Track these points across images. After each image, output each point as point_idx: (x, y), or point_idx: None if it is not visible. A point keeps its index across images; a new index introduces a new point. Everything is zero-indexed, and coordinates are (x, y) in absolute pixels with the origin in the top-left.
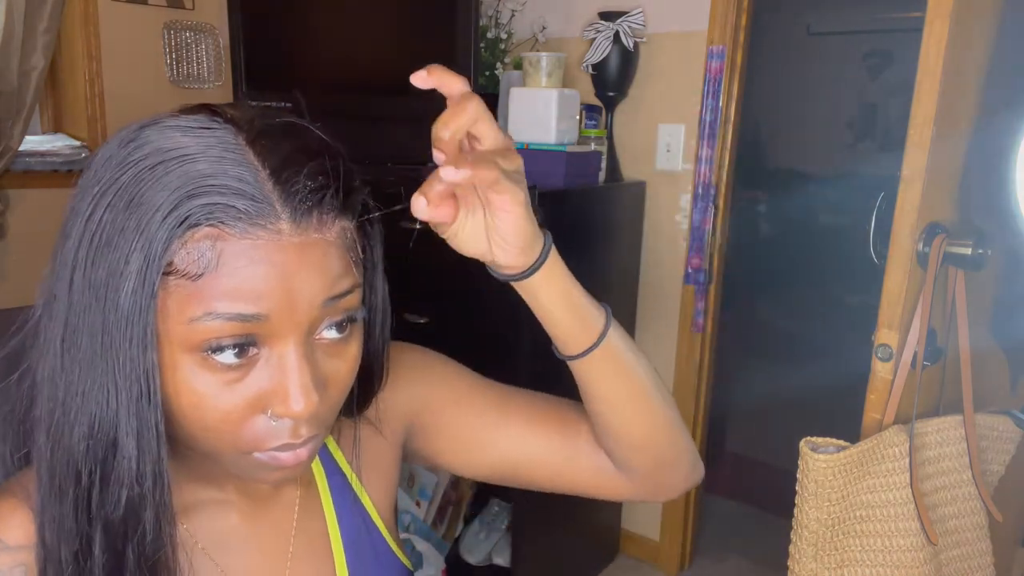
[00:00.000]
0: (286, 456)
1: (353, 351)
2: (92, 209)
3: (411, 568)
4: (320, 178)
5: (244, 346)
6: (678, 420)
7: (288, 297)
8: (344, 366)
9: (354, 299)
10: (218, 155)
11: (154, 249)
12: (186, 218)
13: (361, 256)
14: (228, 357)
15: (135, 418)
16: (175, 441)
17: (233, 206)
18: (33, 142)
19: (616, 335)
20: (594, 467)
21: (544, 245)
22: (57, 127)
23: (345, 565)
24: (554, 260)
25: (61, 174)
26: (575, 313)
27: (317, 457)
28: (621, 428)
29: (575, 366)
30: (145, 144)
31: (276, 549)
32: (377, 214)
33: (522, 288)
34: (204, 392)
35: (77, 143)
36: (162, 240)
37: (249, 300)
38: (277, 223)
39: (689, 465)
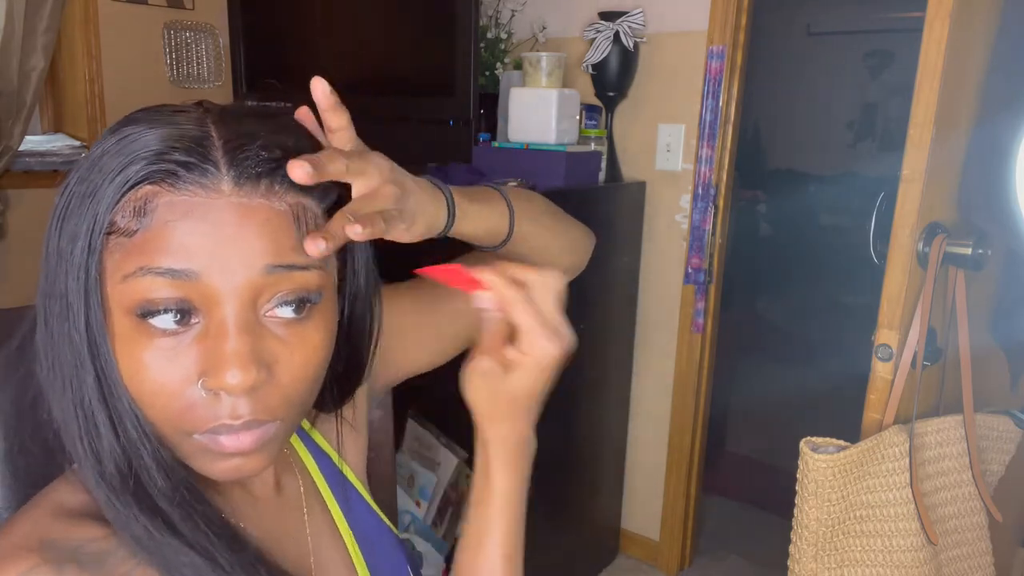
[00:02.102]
0: (226, 440)
1: (313, 339)
2: (66, 184)
3: (395, 529)
4: (278, 151)
5: (182, 312)
6: (576, 233)
7: (223, 256)
8: (298, 352)
9: (311, 278)
10: (178, 127)
11: (100, 208)
12: (131, 177)
13: (334, 259)
14: (164, 321)
15: (104, 404)
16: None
17: (174, 162)
18: (33, 142)
19: (521, 223)
20: None
21: (445, 195)
22: (57, 127)
23: (354, 541)
24: (461, 214)
25: (61, 174)
26: (488, 222)
27: (300, 441)
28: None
29: (508, 249)
30: (122, 123)
31: (296, 542)
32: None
33: (453, 233)
34: (141, 358)
35: (77, 143)
36: (108, 200)
37: (180, 255)
38: (218, 183)
39: (590, 242)
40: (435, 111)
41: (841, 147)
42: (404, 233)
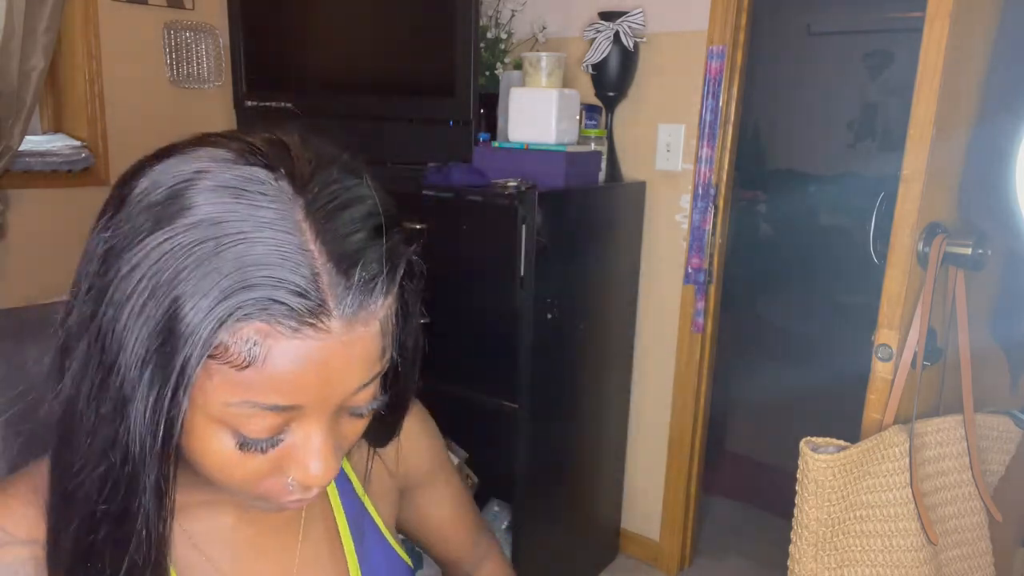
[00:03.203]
0: (294, 504)
1: (369, 415)
2: (130, 271)
3: (412, 565)
4: (374, 266)
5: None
6: None
7: (325, 390)
8: (360, 425)
9: (376, 385)
10: (274, 237)
11: (197, 335)
12: (236, 309)
13: (399, 325)
14: (260, 444)
15: (148, 469)
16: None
17: (286, 303)
18: (33, 142)
19: None
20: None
21: None
22: (57, 127)
23: (356, 562)
24: None
25: (61, 174)
26: None
27: None
28: None
29: None
30: (193, 207)
31: (283, 553)
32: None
33: None
34: (229, 459)
35: (77, 143)
36: (209, 327)
37: (288, 393)
38: (328, 322)
39: None
40: (435, 111)
41: (841, 147)
42: None
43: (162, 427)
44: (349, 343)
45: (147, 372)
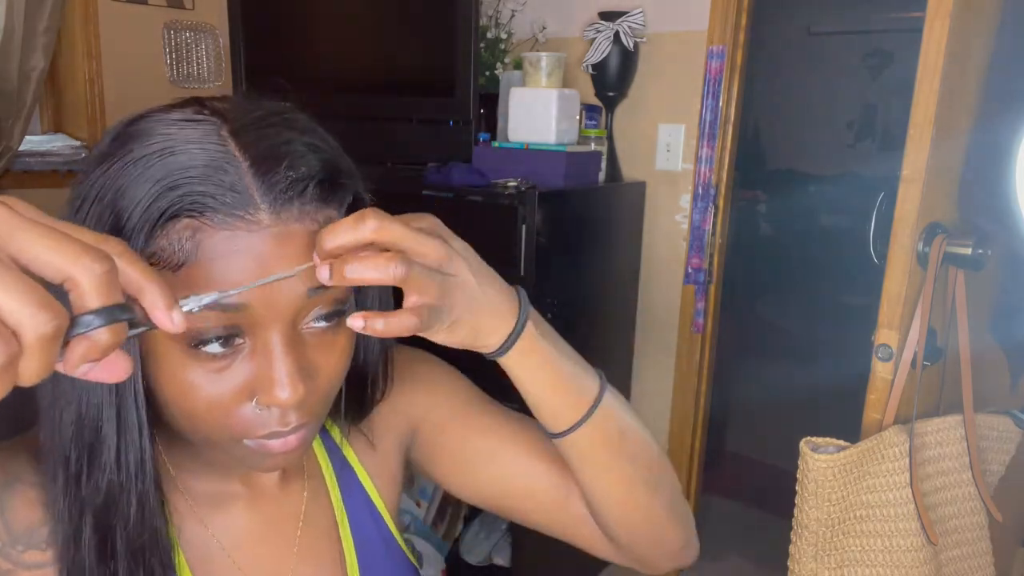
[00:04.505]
0: (275, 443)
1: (343, 343)
2: (80, 204)
3: (417, 566)
4: (303, 169)
5: (229, 337)
6: (672, 501)
7: (268, 286)
8: (333, 357)
9: (341, 290)
10: (199, 147)
11: (135, 241)
12: (166, 209)
13: None
14: (214, 347)
15: (115, 409)
16: (171, 430)
17: (212, 196)
18: (33, 142)
19: (609, 407)
20: (584, 516)
21: (519, 317)
22: (57, 127)
23: (355, 558)
24: (531, 333)
25: (61, 174)
26: (558, 389)
27: (324, 450)
28: (608, 512)
29: (560, 444)
30: (130, 139)
31: (283, 541)
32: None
33: (503, 363)
34: (191, 382)
35: (77, 143)
36: (143, 231)
37: (228, 289)
38: (256, 213)
39: (680, 546)
40: (435, 111)
41: (841, 147)
42: (441, 335)
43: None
44: (282, 237)
45: None
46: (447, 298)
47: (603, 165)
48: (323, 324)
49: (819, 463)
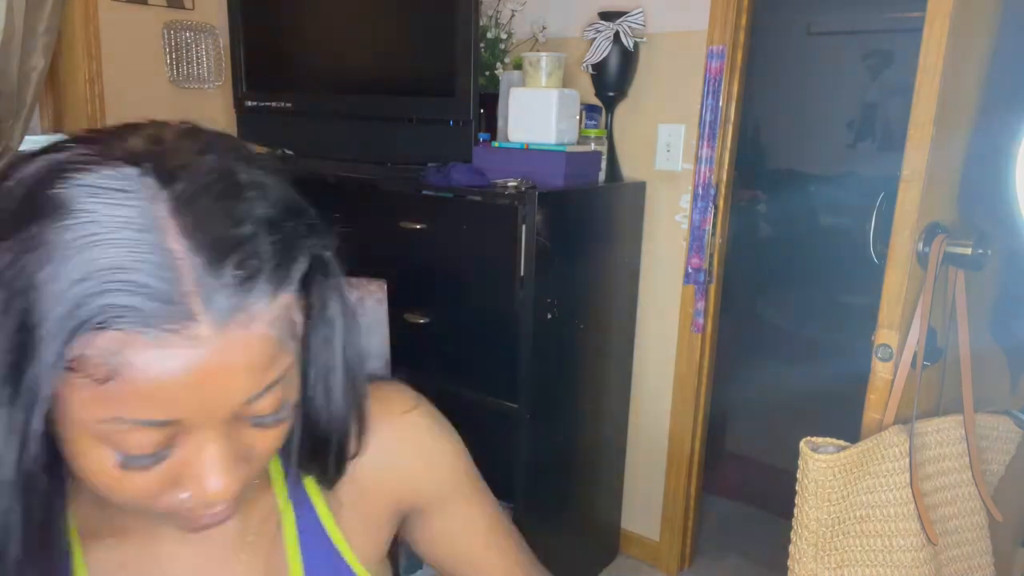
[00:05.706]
0: (206, 520)
1: (284, 427)
2: None
3: None
4: (253, 262)
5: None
6: None
7: (207, 403)
8: (269, 439)
9: (281, 392)
10: (130, 238)
11: (50, 346)
12: (87, 320)
13: (302, 322)
14: (142, 461)
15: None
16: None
17: (141, 309)
18: (33, 142)
19: None
20: None
21: None
22: (57, 127)
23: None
24: None
25: None
26: None
27: (284, 486)
28: None
29: None
30: (47, 211)
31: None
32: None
33: None
34: (115, 478)
35: None
36: (59, 338)
37: (160, 407)
38: (195, 328)
39: None
40: (435, 111)
41: (841, 147)
42: None
43: (18, 448)
44: (225, 349)
45: (4, 389)
46: None
47: (603, 165)
48: (265, 421)
49: (819, 463)
